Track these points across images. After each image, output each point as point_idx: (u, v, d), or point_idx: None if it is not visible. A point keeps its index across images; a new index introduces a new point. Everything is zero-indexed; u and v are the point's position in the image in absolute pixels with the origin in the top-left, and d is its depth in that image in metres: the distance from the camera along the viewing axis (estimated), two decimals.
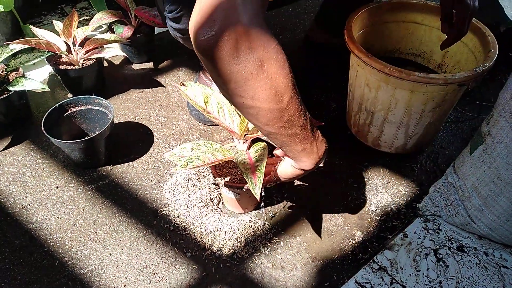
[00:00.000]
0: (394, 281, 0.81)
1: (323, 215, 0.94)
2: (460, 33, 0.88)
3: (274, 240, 0.89)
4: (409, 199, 0.98)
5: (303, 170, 0.68)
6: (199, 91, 0.81)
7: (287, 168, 0.71)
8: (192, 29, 0.51)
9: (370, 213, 0.95)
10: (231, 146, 0.91)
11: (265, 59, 0.52)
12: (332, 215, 0.94)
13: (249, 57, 0.51)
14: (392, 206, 0.96)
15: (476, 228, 0.86)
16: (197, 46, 0.52)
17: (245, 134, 0.83)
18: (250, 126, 0.81)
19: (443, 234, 0.89)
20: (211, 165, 0.76)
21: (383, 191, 1.00)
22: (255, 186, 0.68)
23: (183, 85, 0.82)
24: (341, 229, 0.92)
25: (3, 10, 1.21)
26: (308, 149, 0.64)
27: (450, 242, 0.87)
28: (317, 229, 0.92)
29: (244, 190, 0.84)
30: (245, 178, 0.70)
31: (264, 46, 0.52)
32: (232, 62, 0.51)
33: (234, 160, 0.77)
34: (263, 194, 0.95)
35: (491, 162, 0.80)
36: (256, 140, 0.85)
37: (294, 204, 0.96)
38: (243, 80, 0.52)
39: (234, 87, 0.54)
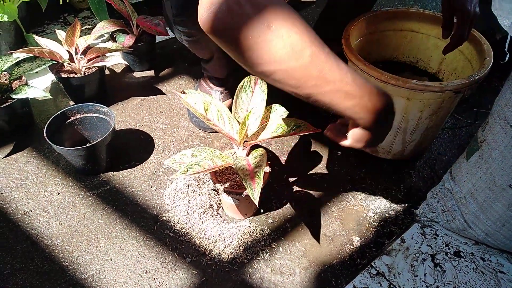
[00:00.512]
0: (391, 286, 0.82)
1: (322, 221, 0.95)
2: (461, 39, 0.88)
3: (273, 246, 0.90)
4: (406, 205, 0.99)
5: (367, 128, 0.60)
6: (199, 98, 0.83)
7: (354, 130, 0.63)
8: (198, 14, 0.53)
9: (368, 218, 0.96)
10: (231, 153, 0.92)
11: (271, 19, 0.51)
12: (330, 221, 0.95)
13: (252, 21, 0.51)
14: (390, 212, 0.97)
15: (473, 234, 0.87)
16: (202, 25, 0.54)
17: (245, 141, 0.84)
18: (250, 132, 0.82)
19: (440, 239, 0.89)
20: (211, 171, 0.78)
21: (381, 197, 1.01)
22: (254, 192, 0.69)
23: (184, 93, 0.84)
24: (339, 235, 0.93)
25: (7, 20, 1.23)
26: (359, 103, 0.56)
27: (447, 247, 0.88)
28: (316, 235, 0.92)
29: (244, 196, 0.86)
30: (244, 184, 0.71)
31: (265, 7, 0.51)
32: (237, 30, 0.51)
33: (233, 166, 0.78)
34: (262, 199, 0.96)
35: (487, 168, 0.82)
36: (256, 147, 0.86)
37: (292, 210, 0.97)
38: (254, 44, 0.52)
39: (249, 55, 0.53)
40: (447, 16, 0.89)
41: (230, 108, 0.87)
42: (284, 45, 0.52)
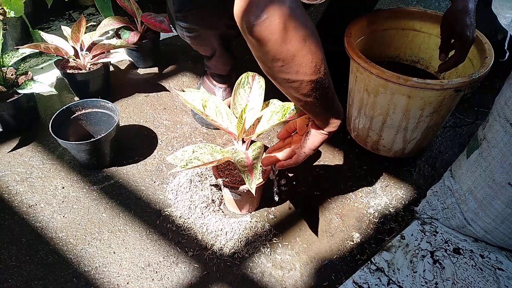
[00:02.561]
0: (391, 281, 0.83)
1: (323, 217, 0.96)
2: (458, 62, 0.93)
3: (274, 241, 0.91)
4: (407, 202, 1.00)
5: (329, 133, 0.76)
6: (198, 96, 0.84)
7: (315, 138, 0.77)
8: (240, 15, 0.56)
9: (368, 215, 0.97)
10: (232, 148, 0.93)
11: (307, 36, 0.58)
12: (331, 217, 0.96)
13: (295, 36, 0.57)
14: (390, 209, 0.98)
15: (472, 231, 0.88)
16: (249, 31, 0.56)
17: (244, 136, 0.85)
18: (247, 126, 0.83)
19: (440, 236, 0.90)
20: (210, 165, 0.79)
21: (382, 194, 1.02)
22: (252, 182, 0.71)
23: (183, 91, 0.85)
24: (340, 231, 0.94)
25: (14, 15, 1.25)
26: (337, 109, 0.73)
27: (447, 244, 0.89)
28: (316, 231, 0.93)
29: (245, 191, 0.87)
30: (242, 175, 0.72)
31: (305, 23, 0.57)
32: (282, 42, 0.56)
33: (232, 160, 0.80)
34: (263, 194, 0.97)
35: (486, 166, 0.82)
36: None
37: (293, 206, 0.98)
38: (290, 57, 0.58)
39: (282, 64, 0.59)
40: (446, 40, 0.94)
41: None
42: (312, 60, 0.60)
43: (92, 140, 0.96)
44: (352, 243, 0.92)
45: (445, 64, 0.94)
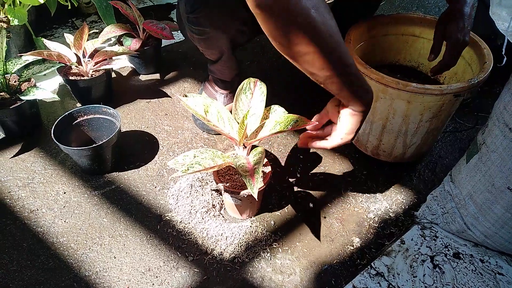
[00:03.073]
0: (391, 286, 0.83)
1: (322, 221, 0.97)
2: (449, 64, 0.92)
3: (274, 246, 0.91)
4: (407, 207, 1.00)
5: (362, 110, 0.70)
6: (200, 101, 0.85)
7: (348, 120, 0.72)
8: None
9: (368, 220, 0.97)
10: (233, 154, 0.94)
11: (317, 5, 0.58)
12: (331, 222, 0.97)
13: (307, 6, 0.57)
14: (390, 214, 0.98)
15: (472, 236, 0.88)
16: (262, 5, 0.56)
17: (245, 141, 0.86)
18: (249, 132, 0.84)
19: (439, 241, 0.90)
20: (212, 170, 0.79)
21: (382, 199, 1.02)
22: (253, 187, 0.71)
23: (186, 96, 0.86)
24: (340, 236, 0.94)
25: (18, 23, 1.26)
26: (363, 83, 0.68)
27: (447, 249, 0.89)
28: (316, 235, 0.94)
29: (245, 196, 0.87)
30: (243, 180, 0.73)
31: None
32: (294, 13, 0.57)
33: (233, 165, 0.80)
34: (263, 199, 0.97)
35: (486, 171, 0.83)
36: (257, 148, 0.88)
37: (293, 211, 0.99)
38: (302, 28, 0.58)
39: (293, 37, 0.59)
40: (437, 41, 0.94)
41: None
42: (324, 30, 0.59)
43: (93, 145, 0.97)
44: (352, 247, 0.92)
45: (436, 66, 0.94)
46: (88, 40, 1.20)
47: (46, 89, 1.07)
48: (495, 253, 0.88)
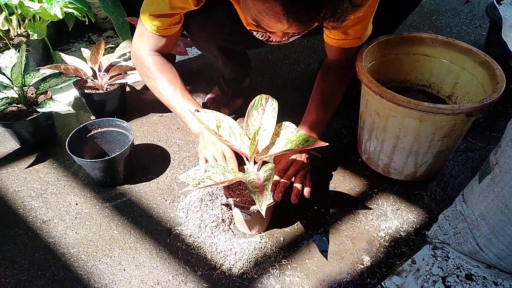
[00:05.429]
0: None
1: (332, 239, 0.96)
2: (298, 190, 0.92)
3: (283, 262, 0.91)
4: (418, 226, 0.99)
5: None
6: (212, 116, 0.86)
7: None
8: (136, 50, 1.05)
9: (379, 238, 0.96)
10: (244, 169, 0.94)
11: (148, 75, 1.05)
12: (341, 239, 0.96)
13: (142, 72, 1.06)
14: (401, 233, 0.98)
15: (485, 257, 0.86)
16: (132, 56, 1.08)
17: (256, 157, 0.86)
18: (260, 148, 0.84)
19: (451, 261, 0.89)
20: (222, 185, 0.80)
21: (393, 217, 1.01)
22: (262, 204, 0.72)
23: (198, 111, 0.87)
24: (350, 254, 0.93)
25: (37, 38, 1.30)
26: (189, 125, 1.05)
27: (459, 270, 0.87)
28: (326, 253, 0.93)
29: (255, 211, 0.87)
30: (252, 196, 0.73)
31: (147, 68, 1.04)
32: (140, 73, 1.09)
33: (243, 180, 0.80)
34: (273, 215, 0.97)
35: (499, 191, 0.82)
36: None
37: (303, 228, 0.98)
38: (148, 80, 1.07)
39: (145, 81, 1.09)
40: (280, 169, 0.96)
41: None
42: (156, 92, 1.07)
43: (107, 158, 0.99)
44: (362, 266, 0.91)
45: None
46: (104, 55, 1.23)
47: (62, 101, 1.09)
48: (509, 276, 0.86)
